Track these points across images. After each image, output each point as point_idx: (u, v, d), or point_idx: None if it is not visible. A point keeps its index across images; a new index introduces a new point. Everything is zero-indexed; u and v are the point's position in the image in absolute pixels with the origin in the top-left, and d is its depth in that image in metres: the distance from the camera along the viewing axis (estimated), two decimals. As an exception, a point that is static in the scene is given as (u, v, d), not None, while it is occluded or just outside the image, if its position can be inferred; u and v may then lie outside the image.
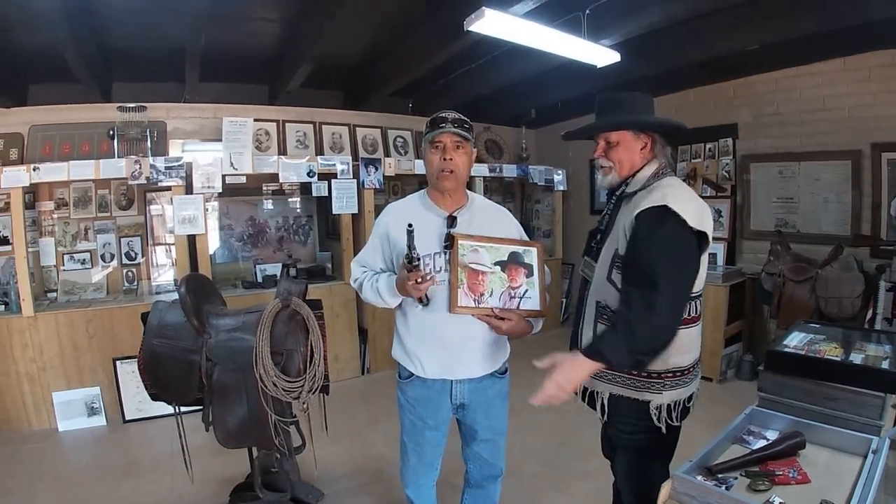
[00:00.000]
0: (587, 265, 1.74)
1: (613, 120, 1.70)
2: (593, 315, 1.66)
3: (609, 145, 1.69)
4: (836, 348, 1.78)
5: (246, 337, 2.20)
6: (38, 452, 3.44)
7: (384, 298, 1.79)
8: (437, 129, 1.73)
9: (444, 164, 1.73)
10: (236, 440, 2.29)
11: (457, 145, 1.74)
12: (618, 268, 1.59)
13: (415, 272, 1.59)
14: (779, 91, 4.29)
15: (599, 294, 1.65)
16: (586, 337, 1.66)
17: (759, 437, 1.54)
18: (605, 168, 1.71)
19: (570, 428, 3.51)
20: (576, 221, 6.34)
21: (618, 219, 1.65)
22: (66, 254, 4.38)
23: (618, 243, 1.60)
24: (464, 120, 1.75)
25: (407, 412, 1.90)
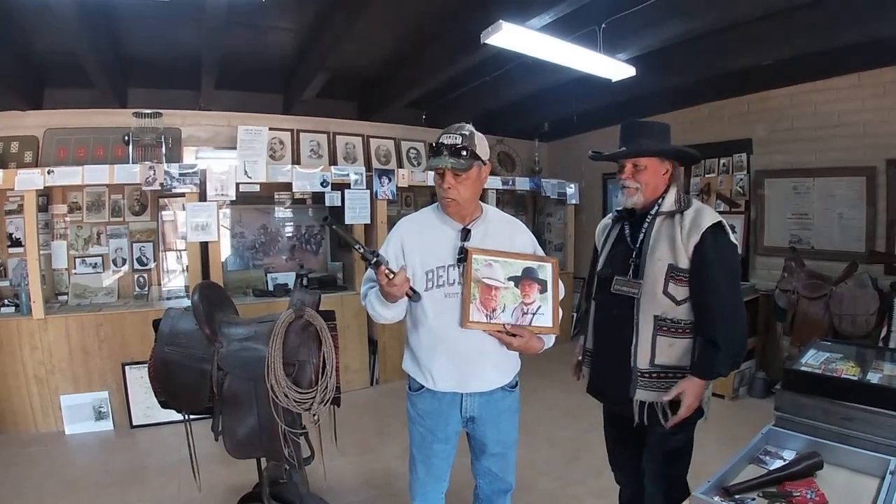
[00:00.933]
0: (626, 283, 1.84)
1: (649, 148, 1.86)
2: (651, 328, 1.78)
3: (636, 168, 1.86)
4: (852, 367, 1.76)
5: (258, 347, 2.19)
6: (44, 456, 3.43)
7: (378, 311, 1.78)
8: (434, 157, 1.72)
9: (443, 193, 1.73)
10: (246, 450, 2.27)
11: (454, 174, 1.70)
12: (674, 280, 1.75)
13: (380, 270, 1.59)
14: (794, 106, 4.27)
15: (655, 308, 1.78)
16: (643, 349, 1.79)
17: (776, 458, 1.52)
18: (631, 189, 1.87)
19: (584, 444, 3.48)
20: (588, 236, 6.20)
21: (659, 236, 1.81)
22: (78, 257, 4.41)
23: (672, 258, 1.76)
24: (464, 147, 1.68)
25: (416, 424, 1.88)
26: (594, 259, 2.17)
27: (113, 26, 3.72)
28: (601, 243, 2.11)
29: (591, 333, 2.05)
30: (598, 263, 2.06)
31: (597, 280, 2.04)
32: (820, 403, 1.62)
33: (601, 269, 2.01)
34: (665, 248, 1.79)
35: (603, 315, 1.97)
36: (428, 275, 1.75)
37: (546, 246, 6.65)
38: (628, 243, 1.90)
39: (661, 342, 1.78)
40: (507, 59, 4.04)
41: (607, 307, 1.93)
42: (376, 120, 5.53)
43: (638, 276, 1.82)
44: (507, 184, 5.68)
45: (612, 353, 1.89)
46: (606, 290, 1.92)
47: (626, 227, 1.96)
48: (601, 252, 2.07)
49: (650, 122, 1.97)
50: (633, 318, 1.81)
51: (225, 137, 4.81)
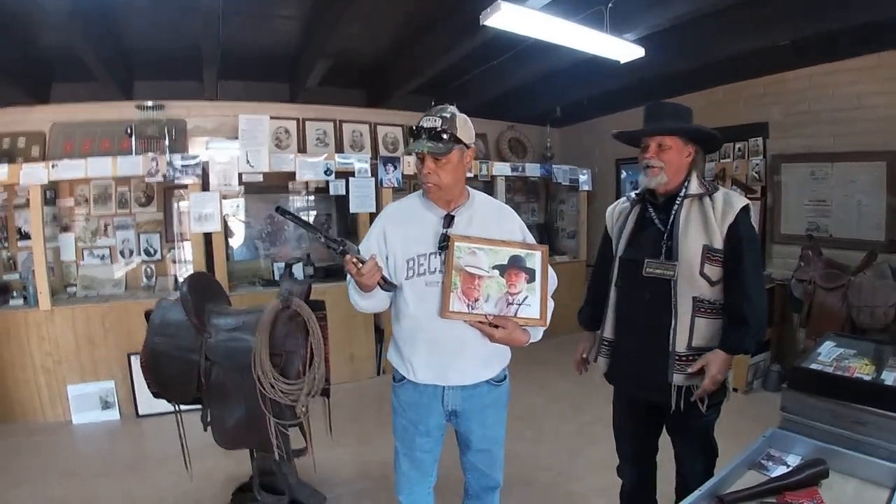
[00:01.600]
0: (660, 266, 1.82)
1: (675, 126, 1.87)
2: (690, 310, 1.79)
3: (660, 148, 1.85)
4: (866, 365, 1.63)
5: (245, 337, 2.16)
6: (50, 445, 3.47)
7: (356, 300, 1.72)
8: (412, 140, 1.65)
9: (423, 178, 1.66)
10: (234, 441, 2.25)
11: (434, 158, 1.62)
12: (710, 261, 1.77)
13: (347, 259, 1.51)
14: (811, 88, 4.09)
15: (693, 290, 1.79)
16: (682, 332, 1.79)
17: (778, 463, 1.41)
18: (655, 168, 1.85)
19: (589, 439, 3.40)
20: (601, 222, 6.13)
21: (690, 218, 1.82)
22: (86, 249, 4.44)
23: (707, 239, 1.78)
24: (444, 130, 1.61)
25: (399, 416, 1.83)
26: (606, 244, 2.14)
27: (111, 20, 3.69)
28: (617, 227, 2.06)
29: (613, 321, 2.00)
30: (618, 248, 2.00)
31: (619, 265, 1.98)
32: (829, 405, 1.49)
33: (625, 254, 1.96)
34: (698, 230, 1.79)
35: (631, 300, 1.93)
36: (409, 263, 1.68)
37: (559, 234, 6.56)
38: (657, 226, 1.88)
39: (700, 323, 1.80)
40: (513, 43, 3.93)
41: (637, 292, 1.89)
42: (384, 107, 5.45)
43: (671, 258, 1.81)
44: (517, 170, 5.56)
45: (644, 338, 1.87)
46: (634, 275, 1.89)
47: (650, 210, 1.93)
48: (619, 236, 2.01)
49: (675, 104, 1.97)
50: (671, 300, 1.80)
51: (230, 127, 4.78)
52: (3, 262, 4.26)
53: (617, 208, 2.13)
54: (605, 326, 2.03)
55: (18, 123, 4.34)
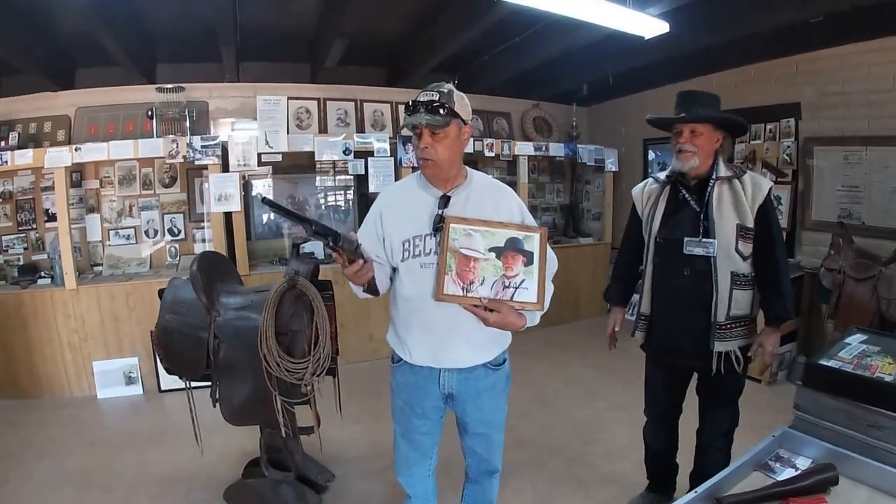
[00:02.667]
0: (699, 244, 1.99)
1: (709, 114, 2.02)
2: (729, 284, 1.98)
3: (693, 134, 2.00)
4: (890, 364, 1.50)
5: (253, 316, 2.17)
6: (75, 418, 3.60)
7: (353, 287, 1.67)
8: (409, 114, 1.59)
9: (420, 153, 1.61)
10: (241, 418, 2.29)
11: (431, 132, 1.58)
12: (743, 238, 1.97)
13: (335, 255, 1.46)
14: (844, 68, 3.87)
15: (731, 265, 1.98)
16: (723, 303, 1.98)
17: (787, 465, 1.34)
18: (688, 153, 2.00)
19: (602, 425, 3.37)
20: (627, 205, 6.01)
21: (722, 199, 1.99)
22: (112, 230, 4.54)
23: (739, 218, 1.97)
24: (441, 104, 1.57)
25: (396, 396, 1.82)
26: (635, 224, 2.28)
27: (131, 4, 3.73)
28: (648, 207, 2.20)
29: (650, 296, 2.17)
30: (652, 228, 2.14)
31: (655, 244, 2.13)
32: (845, 406, 1.40)
33: (661, 233, 2.10)
34: (732, 210, 1.98)
35: (670, 277, 2.08)
36: (405, 244, 1.66)
37: (583, 215, 6.45)
38: (693, 207, 2.04)
39: (737, 295, 1.99)
40: (534, 20, 3.84)
41: (676, 269, 2.05)
42: (405, 86, 5.37)
43: (708, 236, 1.98)
44: (541, 150, 5.44)
45: (685, 311, 2.05)
46: (672, 253, 2.05)
47: (682, 192, 2.09)
48: (651, 216, 2.15)
49: (705, 93, 2.12)
50: (712, 275, 1.98)
51: (252, 108, 4.74)
52: (31, 242, 4.40)
53: (645, 189, 2.25)
54: (642, 302, 2.20)
55: (44, 109, 4.44)
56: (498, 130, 5.91)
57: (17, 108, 4.41)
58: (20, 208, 4.38)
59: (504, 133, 5.93)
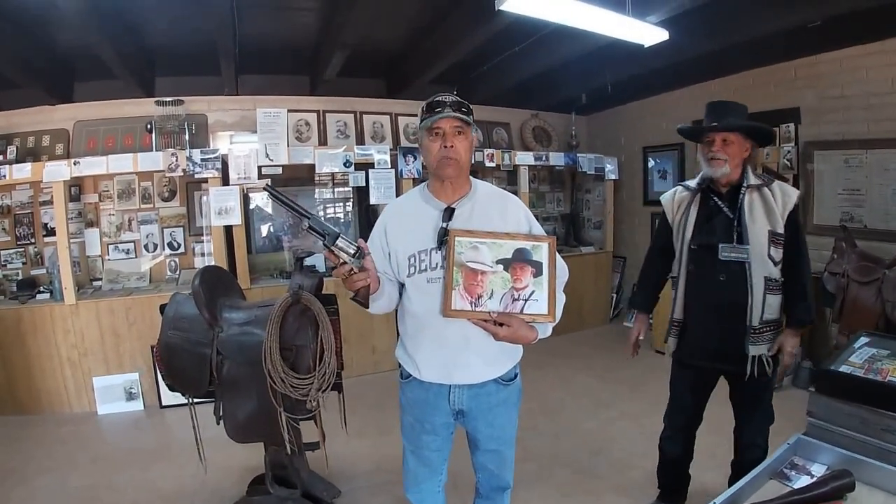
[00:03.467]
0: (734, 249, 2.05)
1: (742, 123, 2.10)
2: (762, 288, 2.04)
3: (725, 143, 2.06)
4: None
5: (256, 331, 2.15)
6: (76, 434, 3.56)
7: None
8: (434, 114, 1.56)
9: (444, 153, 1.57)
10: (246, 435, 2.26)
11: (457, 131, 1.57)
12: (774, 244, 2.03)
13: (330, 253, 1.42)
14: (844, 72, 3.89)
15: (764, 270, 2.04)
16: (757, 308, 2.04)
17: (802, 472, 1.33)
18: (720, 160, 2.06)
19: (610, 436, 3.34)
20: (628, 213, 6.06)
21: (754, 206, 2.05)
22: (111, 244, 4.52)
23: (771, 225, 2.03)
24: (462, 103, 1.59)
25: (406, 413, 1.80)
26: (665, 231, 2.32)
27: (129, 18, 3.73)
28: (679, 215, 2.23)
29: (684, 302, 2.21)
30: (685, 235, 2.17)
31: (689, 251, 2.17)
32: (858, 411, 1.39)
33: (696, 240, 2.15)
34: (763, 217, 2.03)
35: (705, 282, 2.12)
36: (410, 259, 1.63)
37: (584, 224, 6.44)
38: (726, 213, 2.09)
39: (769, 299, 2.05)
40: (533, 29, 3.86)
41: (712, 274, 2.10)
42: (404, 97, 5.39)
43: (742, 242, 2.04)
44: (541, 159, 5.44)
45: (720, 316, 2.09)
46: (707, 259, 2.10)
47: (714, 199, 2.14)
48: (683, 223, 2.19)
49: (735, 102, 2.19)
50: (747, 280, 2.03)
51: (251, 121, 4.76)
52: (30, 257, 4.38)
53: (676, 197, 2.28)
54: (675, 308, 2.23)
55: (42, 122, 4.44)
56: (497, 140, 5.91)
57: (15, 122, 4.41)
58: (18, 222, 4.37)
59: (503, 143, 5.94)
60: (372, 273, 1.50)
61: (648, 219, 5.78)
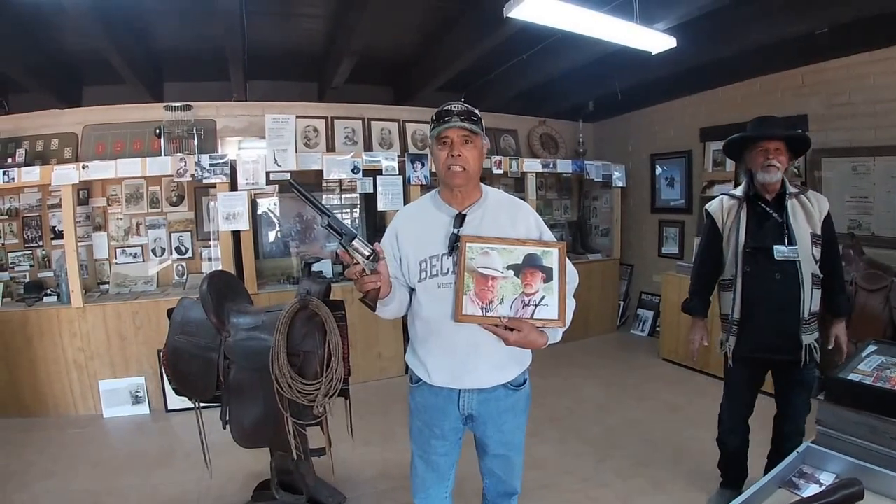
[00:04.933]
0: (788, 250, 2.25)
1: (794, 133, 2.42)
2: (811, 283, 2.26)
3: (777, 151, 2.26)
4: None
5: (264, 337, 2.16)
6: (81, 438, 3.57)
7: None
8: (442, 123, 1.59)
9: (452, 161, 1.60)
10: (252, 440, 2.26)
11: (465, 140, 1.60)
12: (815, 245, 2.26)
13: (341, 252, 1.45)
14: (851, 79, 3.87)
15: (810, 268, 2.26)
16: (807, 301, 2.25)
17: (811, 481, 1.31)
18: (775, 167, 2.25)
19: (615, 443, 3.33)
20: (635, 220, 6.04)
21: (796, 211, 2.29)
22: (119, 248, 4.55)
23: (812, 227, 2.27)
24: (471, 112, 1.61)
25: (415, 417, 1.80)
26: (715, 237, 2.47)
27: (138, 24, 3.77)
28: (730, 221, 2.41)
29: (741, 302, 2.35)
30: (737, 239, 2.35)
31: (743, 254, 2.33)
32: (867, 419, 1.38)
33: (750, 243, 2.32)
34: (805, 220, 2.27)
35: (762, 282, 2.29)
36: (421, 265, 1.65)
37: (591, 231, 6.42)
38: (775, 218, 2.29)
39: (815, 294, 2.28)
40: (541, 37, 3.86)
41: (768, 274, 2.28)
42: (412, 104, 5.42)
43: (792, 244, 2.24)
44: (548, 166, 5.45)
45: (777, 311, 2.27)
46: (762, 260, 2.28)
47: (762, 206, 2.33)
48: (735, 229, 2.37)
49: (777, 117, 2.46)
50: (799, 277, 2.23)
51: (259, 127, 4.79)
52: (38, 260, 4.41)
53: (724, 205, 2.46)
54: (733, 308, 2.37)
55: (51, 126, 4.47)
56: (505, 147, 5.92)
57: (24, 126, 4.45)
58: (27, 225, 4.40)
59: (511, 150, 5.95)
60: (384, 277, 1.50)
61: (656, 226, 5.77)
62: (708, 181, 5.07)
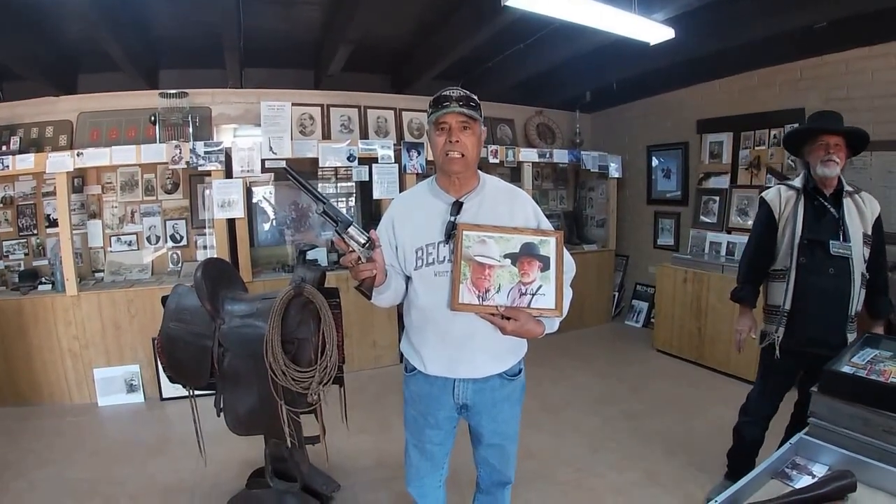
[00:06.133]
0: (842, 246, 2.26)
1: (854, 128, 2.31)
2: (860, 281, 2.27)
3: (837, 147, 2.26)
4: None
5: (258, 324, 2.15)
6: (76, 426, 3.56)
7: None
8: (440, 108, 1.56)
9: (450, 147, 1.57)
10: (246, 428, 2.25)
11: (463, 126, 1.57)
12: (865, 244, 2.28)
13: (336, 240, 1.45)
14: (849, 73, 3.87)
15: (860, 266, 2.27)
16: (855, 300, 2.27)
17: (803, 472, 1.32)
18: (834, 162, 2.25)
19: (611, 434, 3.34)
20: (631, 211, 6.04)
21: (851, 209, 2.30)
22: (114, 236, 4.52)
23: (863, 227, 2.29)
24: (470, 97, 1.58)
25: (409, 406, 1.80)
26: (770, 226, 2.43)
27: (133, 10, 3.72)
28: (788, 211, 2.38)
29: (793, 293, 2.34)
30: (795, 231, 2.32)
31: (800, 245, 2.32)
32: (860, 412, 1.40)
33: (806, 235, 2.31)
34: (858, 219, 2.29)
35: (817, 275, 2.30)
36: (418, 252, 1.63)
37: (587, 222, 6.42)
38: (833, 213, 2.30)
39: (861, 293, 2.30)
40: (539, 26, 3.86)
41: (822, 267, 2.28)
42: (409, 93, 5.40)
43: (846, 240, 2.25)
44: (545, 156, 5.43)
45: (828, 305, 2.28)
46: (818, 253, 2.29)
47: (820, 200, 2.32)
48: (793, 220, 2.34)
49: (836, 112, 2.39)
50: (850, 274, 2.25)
51: (255, 115, 4.76)
52: (32, 248, 4.38)
53: (782, 196, 2.43)
54: (785, 299, 2.36)
55: (46, 113, 4.43)
56: (501, 137, 5.90)
57: (19, 113, 4.41)
58: (21, 213, 4.37)
59: (507, 140, 5.93)
60: (380, 265, 1.49)
61: (652, 217, 5.77)
62: (704, 173, 5.06)
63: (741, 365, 4.05)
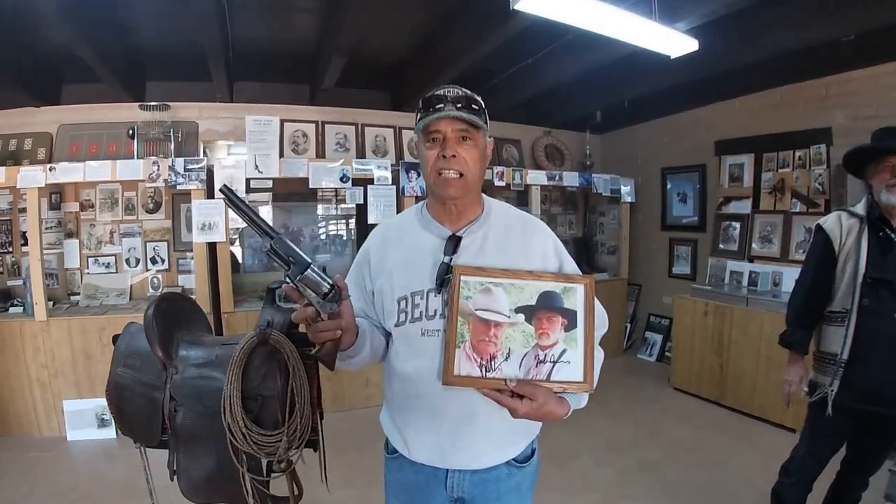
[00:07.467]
0: None
1: None
2: None
3: None
4: None
5: (216, 375, 1.80)
6: (43, 462, 3.31)
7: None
8: (432, 112, 1.17)
9: (443, 164, 1.19)
10: (203, 494, 1.89)
11: (462, 136, 1.19)
12: None
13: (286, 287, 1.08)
14: (878, 90, 3.58)
15: None
16: None
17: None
18: None
19: (627, 490, 2.99)
20: (644, 237, 5.71)
21: None
22: (91, 257, 4.25)
23: None
24: (471, 98, 1.20)
25: (391, 496, 1.43)
26: (830, 260, 2.10)
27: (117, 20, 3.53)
28: (850, 242, 2.06)
29: (852, 339, 2.00)
30: (857, 266, 2.00)
31: (862, 284, 1.98)
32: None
33: (872, 273, 1.98)
34: None
35: (881, 319, 1.95)
36: (400, 303, 1.25)
37: (597, 249, 6.10)
38: None
39: None
40: (548, 38, 3.60)
41: (887, 311, 1.94)
42: (409, 110, 5.13)
43: None
44: (554, 179, 5.13)
45: (894, 355, 1.92)
46: (883, 294, 1.95)
47: (888, 231, 2.00)
48: (856, 254, 2.02)
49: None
50: None
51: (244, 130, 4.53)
52: (7, 266, 4.12)
53: (844, 224, 2.09)
54: (844, 346, 2.01)
55: (25, 125, 4.19)
56: (508, 158, 5.62)
57: (-3, 123, 4.17)
58: (-4, 230, 4.10)
59: (514, 161, 5.65)
60: (348, 323, 1.12)
61: (666, 244, 5.44)
62: (724, 197, 4.75)
63: (767, 406, 3.71)
